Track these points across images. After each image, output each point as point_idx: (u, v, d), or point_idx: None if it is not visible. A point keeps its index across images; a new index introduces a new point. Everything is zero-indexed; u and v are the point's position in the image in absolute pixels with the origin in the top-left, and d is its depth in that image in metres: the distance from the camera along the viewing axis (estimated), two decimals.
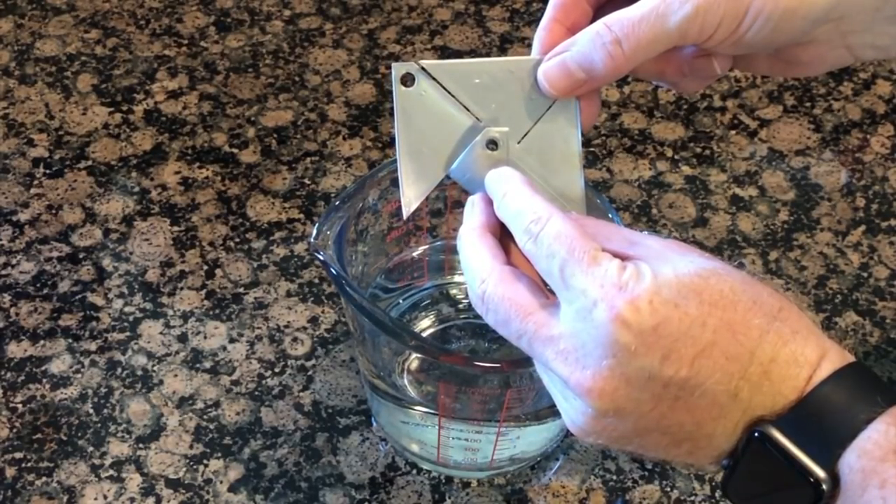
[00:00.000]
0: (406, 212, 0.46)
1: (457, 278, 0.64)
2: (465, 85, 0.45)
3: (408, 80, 0.44)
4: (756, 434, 0.38)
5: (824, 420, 0.37)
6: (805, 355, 0.38)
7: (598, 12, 0.45)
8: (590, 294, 0.38)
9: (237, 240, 0.71)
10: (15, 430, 0.61)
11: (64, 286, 0.68)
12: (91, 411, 0.62)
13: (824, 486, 0.37)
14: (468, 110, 0.45)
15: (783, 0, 0.42)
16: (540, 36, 0.44)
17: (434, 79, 0.45)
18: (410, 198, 0.45)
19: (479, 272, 0.41)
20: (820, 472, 0.37)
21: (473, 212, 0.43)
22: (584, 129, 0.46)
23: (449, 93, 0.45)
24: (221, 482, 0.59)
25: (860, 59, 0.47)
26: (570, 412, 0.40)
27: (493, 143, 0.44)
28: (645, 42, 0.42)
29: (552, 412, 0.57)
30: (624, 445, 0.40)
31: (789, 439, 0.37)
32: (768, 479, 0.38)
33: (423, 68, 0.44)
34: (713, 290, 0.38)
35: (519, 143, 0.45)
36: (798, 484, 0.37)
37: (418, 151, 0.45)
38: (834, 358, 0.38)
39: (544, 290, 0.41)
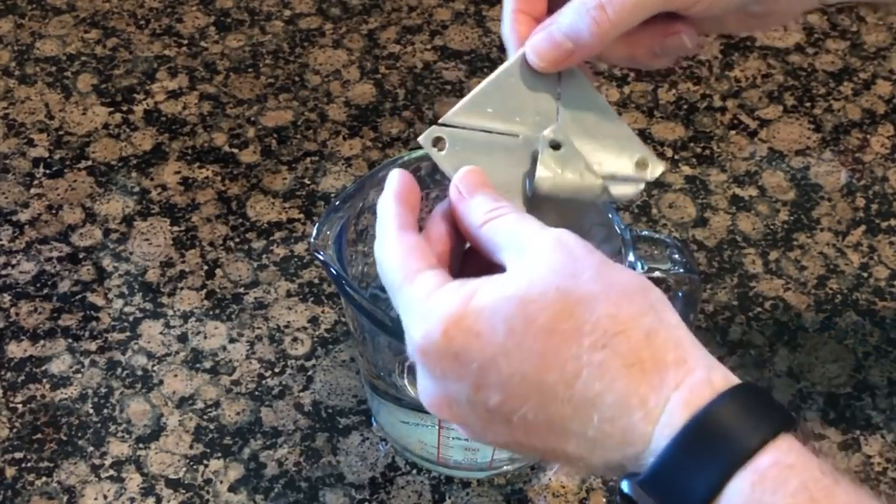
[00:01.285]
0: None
1: None
2: (486, 114, 0.45)
3: (438, 143, 0.45)
4: (621, 487, 0.36)
5: (677, 481, 0.34)
6: (639, 396, 0.35)
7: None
8: (405, 320, 0.39)
9: (237, 240, 0.71)
10: (15, 430, 0.61)
11: (64, 286, 0.68)
12: (91, 411, 0.62)
13: None
14: (505, 133, 0.45)
15: None
16: (511, 29, 0.45)
17: (458, 127, 0.45)
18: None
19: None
20: None
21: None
22: None
23: (478, 130, 0.45)
24: (221, 482, 0.59)
25: (826, 2, 0.47)
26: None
27: (555, 145, 0.45)
28: (630, 6, 0.42)
29: None
30: (510, 447, 0.40)
31: (652, 496, 0.35)
32: None
33: (442, 125, 0.45)
34: (528, 318, 0.36)
35: (562, 130, 0.45)
36: None
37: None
38: (688, 397, 0.35)
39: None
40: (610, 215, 0.55)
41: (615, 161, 0.46)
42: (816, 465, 0.34)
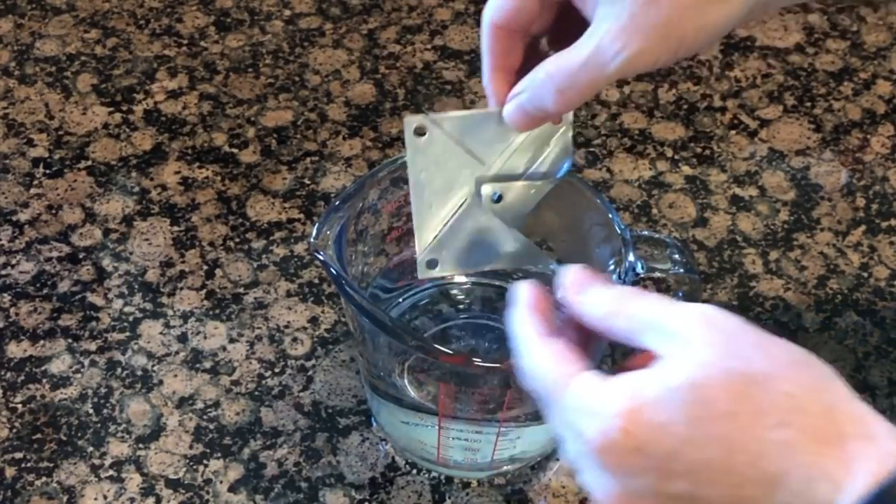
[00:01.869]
0: (419, 250, 0.50)
1: (457, 278, 0.64)
2: (467, 133, 0.49)
3: (419, 131, 0.48)
4: None
5: None
6: (824, 470, 0.35)
7: (531, 46, 0.47)
8: (573, 423, 0.39)
9: (237, 240, 0.71)
10: (15, 430, 0.61)
11: (64, 286, 0.68)
12: (91, 411, 0.62)
13: None
14: (473, 155, 0.49)
15: (709, 23, 0.43)
16: (491, 89, 0.47)
17: (442, 129, 0.48)
18: (423, 241, 0.50)
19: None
20: None
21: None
22: None
23: (455, 141, 0.49)
24: (221, 482, 0.59)
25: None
26: None
27: (496, 199, 0.50)
28: (586, 86, 0.44)
29: None
30: None
31: None
32: None
33: (432, 120, 0.48)
34: (706, 403, 0.37)
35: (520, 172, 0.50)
36: None
37: (429, 199, 0.49)
38: (874, 468, 0.35)
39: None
40: (610, 215, 0.55)
41: (538, 140, 0.50)
42: None
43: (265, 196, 0.73)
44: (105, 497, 0.58)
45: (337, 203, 0.54)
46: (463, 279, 0.65)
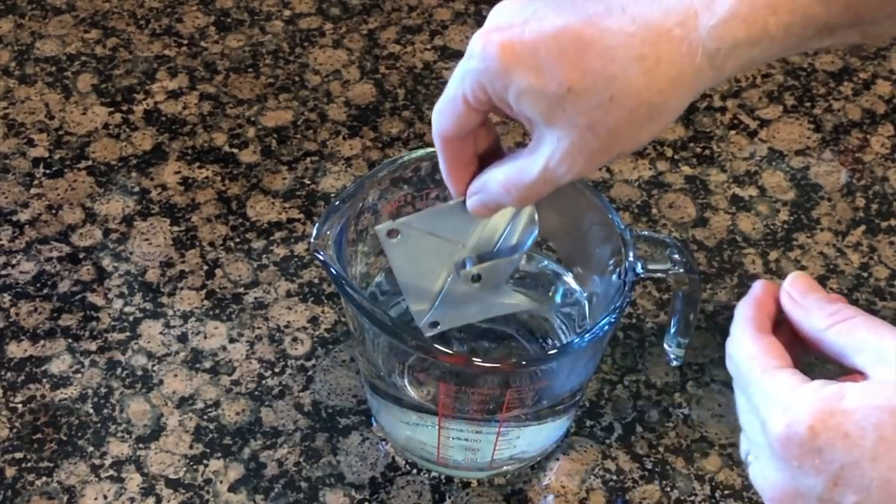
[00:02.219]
0: (418, 322, 0.54)
1: None
2: (437, 224, 0.52)
3: (392, 234, 0.52)
4: None
5: None
6: None
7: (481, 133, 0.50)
8: (762, 410, 0.40)
9: (237, 240, 0.71)
10: (15, 430, 0.61)
11: (64, 286, 0.68)
12: (91, 411, 0.62)
13: None
14: (447, 239, 0.53)
15: (644, 138, 0.45)
16: (451, 185, 0.50)
17: (412, 227, 0.52)
18: (420, 315, 0.54)
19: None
20: None
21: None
22: None
23: (427, 233, 0.52)
24: (221, 482, 0.59)
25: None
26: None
27: (475, 278, 0.53)
28: (539, 194, 0.47)
29: (552, 412, 0.58)
30: None
31: None
32: None
33: (402, 223, 0.52)
34: None
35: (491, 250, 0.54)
36: None
37: (416, 282, 0.53)
38: None
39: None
40: (610, 215, 0.55)
41: (513, 224, 0.54)
42: None
43: (265, 196, 0.73)
44: (105, 497, 0.58)
45: (337, 203, 0.54)
46: None
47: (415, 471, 0.60)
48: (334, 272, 0.52)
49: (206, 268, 0.69)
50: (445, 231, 0.53)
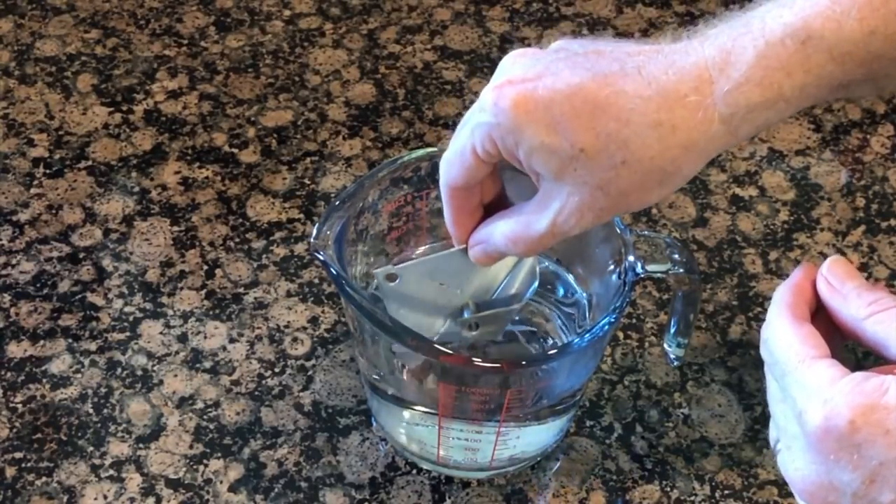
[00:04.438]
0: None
1: None
2: (436, 271, 0.53)
3: (390, 278, 0.53)
4: None
5: None
6: None
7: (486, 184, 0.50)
8: (798, 400, 0.39)
9: (237, 240, 0.71)
10: (15, 430, 0.61)
11: (64, 286, 0.68)
12: (91, 411, 0.62)
13: None
14: (445, 285, 0.53)
15: (651, 200, 0.45)
16: (455, 234, 0.51)
17: (411, 273, 0.53)
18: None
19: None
20: None
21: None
22: None
23: (426, 279, 0.53)
24: (221, 482, 0.59)
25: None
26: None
27: (472, 326, 0.55)
28: (544, 247, 0.48)
29: (552, 412, 0.58)
30: None
31: None
32: None
33: (401, 269, 0.53)
34: None
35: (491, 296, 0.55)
36: None
37: (413, 326, 0.52)
38: None
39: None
40: None
41: (513, 274, 0.54)
42: None
43: (265, 196, 0.73)
44: (105, 497, 0.58)
45: (337, 203, 0.54)
46: None
47: (415, 471, 0.60)
48: (334, 272, 0.52)
49: (206, 268, 0.69)
50: (445, 277, 0.53)
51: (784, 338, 0.42)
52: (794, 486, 0.41)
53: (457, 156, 0.47)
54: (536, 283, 0.55)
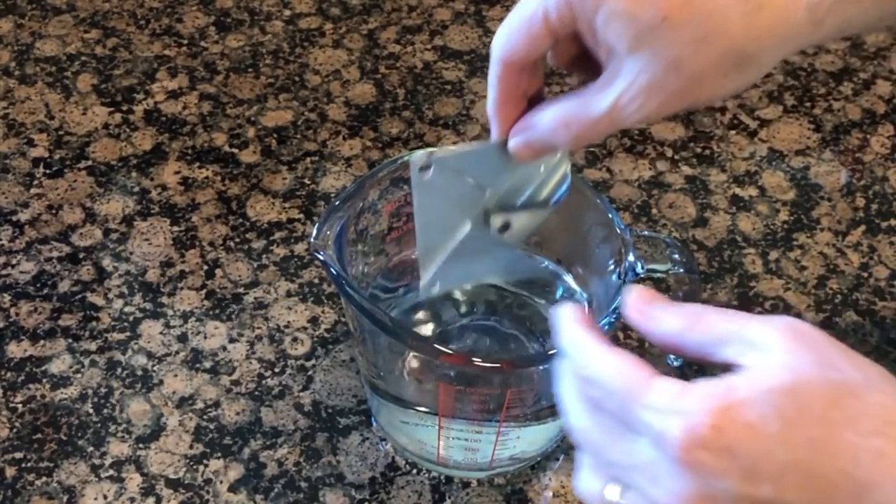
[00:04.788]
0: (423, 277, 0.51)
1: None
2: (470, 166, 0.50)
3: (424, 170, 0.49)
4: None
5: None
6: None
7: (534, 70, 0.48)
8: (654, 424, 0.37)
9: (237, 240, 0.71)
10: (15, 430, 0.61)
11: (64, 286, 0.68)
12: (91, 411, 0.62)
13: None
14: (475, 184, 0.50)
15: (725, 92, 0.43)
16: (496, 120, 0.48)
17: (446, 164, 0.49)
18: (428, 269, 0.52)
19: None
20: None
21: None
22: None
23: (458, 173, 0.50)
24: (221, 482, 0.59)
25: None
26: None
27: (504, 227, 0.51)
28: (599, 135, 0.45)
29: (552, 412, 0.58)
30: None
31: None
32: None
33: (437, 158, 0.49)
34: (801, 405, 0.36)
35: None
36: None
37: (434, 226, 0.50)
38: None
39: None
40: (610, 215, 0.55)
41: (544, 178, 0.51)
42: None
43: (265, 196, 0.73)
44: (105, 497, 0.58)
45: (337, 203, 0.54)
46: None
47: (415, 471, 0.60)
48: (334, 272, 0.52)
49: (206, 268, 0.69)
50: (476, 173, 0.50)
51: (613, 367, 0.39)
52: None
53: (523, 23, 0.44)
54: (567, 188, 0.51)
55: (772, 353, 0.38)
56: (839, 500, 0.36)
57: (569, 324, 0.42)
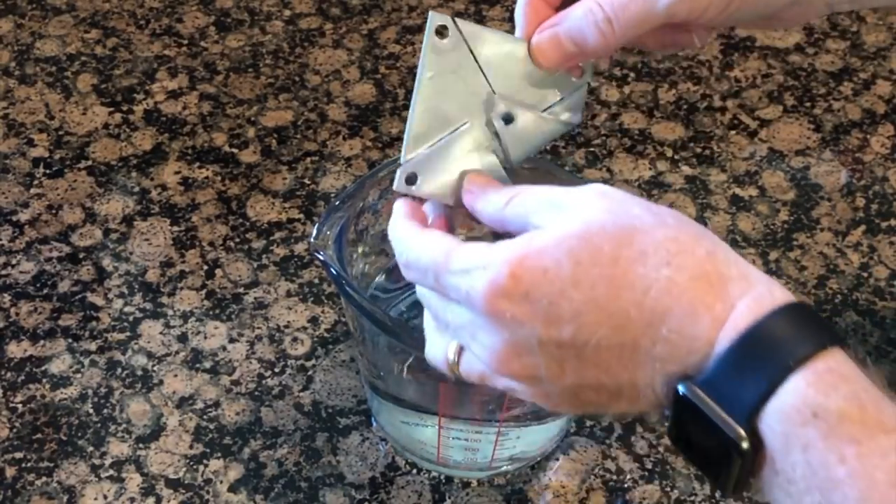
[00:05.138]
0: (404, 157, 0.46)
1: None
2: (488, 53, 0.46)
3: (442, 32, 0.45)
4: (677, 390, 0.37)
5: (736, 380, 0.36)
6: (706, 304, 0.37)
7: None
8: (461, 285, 0.39)
9: (237, 240, 0.71)
10: (15, 430, 0.61)
11: (64, 286, 0.68)
12: (91, 411, 0.62)
13: (743, 445, 0.36)
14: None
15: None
16: (523, 17, 0.46)
17: (464, 37, 0.46)
18: (411, 149, 0.46)
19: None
20: (738, 432, 0.36)
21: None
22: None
23: (473, 56, 0.46)
24: (221, 482, 0.59)
25: (836, 10, 0.49)
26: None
27: (507, 119, 0.46)
28: (635, 22, 0.43)
29: (552, 412, 0.58)
30: (572, 408, 0.41)
31: (709, 396, 0.36)
32: (699, 434, 0.37)
33: (458, 25, 0.45)
34: (592, 248, 0.38)
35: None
36: (722, 441, 0.36)
37: (430, 109, 0.46)
38: (752, 305, 0.37)
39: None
40: None
41: (554, 87, 0.47)
42: (866, 378, 0.36)
43: (265, 196, 0.73)
44: (105, 497, 0.58)
45: (337, 203, 0.54)
46: None
47: (415, 471, 0.60)
48: (334, 272, 0.52)
49: (206, 268, 0.69)
50: (491, 67, 0.46)
51: (422, 245, 0.41)
52: (491, 367, 0.40)
53: None
54: (578, 119, 0.48)
55: (572, 209, 0.39)
56: (635, 331, 0.37)
57: (394, 218, 0.44)
